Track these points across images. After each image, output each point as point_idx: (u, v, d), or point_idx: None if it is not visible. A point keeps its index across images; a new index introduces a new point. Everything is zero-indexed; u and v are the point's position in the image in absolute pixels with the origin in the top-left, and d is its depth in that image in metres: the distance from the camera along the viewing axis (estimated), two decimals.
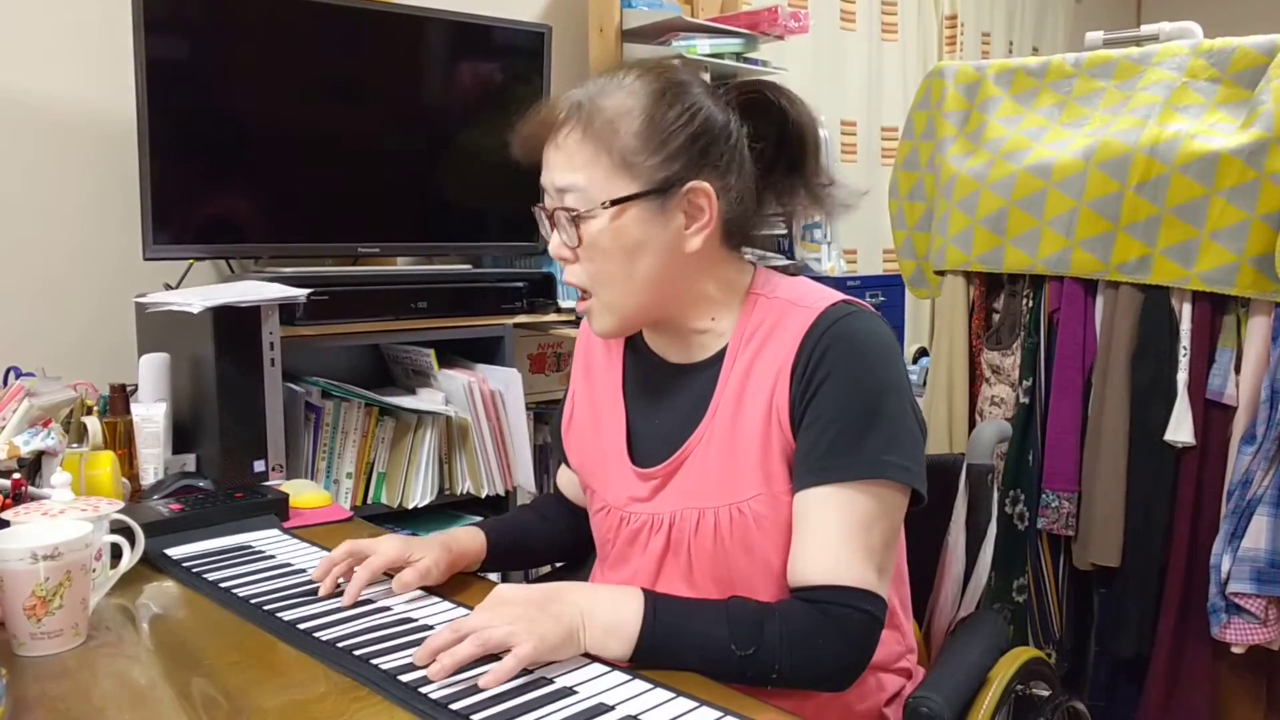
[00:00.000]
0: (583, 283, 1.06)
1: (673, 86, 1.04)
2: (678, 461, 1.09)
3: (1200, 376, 1.82)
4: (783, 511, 1.03)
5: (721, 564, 1.06)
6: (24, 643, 0.97)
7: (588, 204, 1.02)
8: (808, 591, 0.98)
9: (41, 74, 2.00)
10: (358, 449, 2.03)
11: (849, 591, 0.97)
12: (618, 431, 1.16)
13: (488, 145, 2.25)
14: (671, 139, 1.01)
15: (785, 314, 1.06)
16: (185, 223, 1.93)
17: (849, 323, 1.03)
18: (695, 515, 1.06)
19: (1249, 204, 1.71)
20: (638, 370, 1.18)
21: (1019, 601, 2.05)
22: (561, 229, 1.04)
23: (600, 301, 1.07)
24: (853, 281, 2.99)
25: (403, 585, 1.08)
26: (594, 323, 1.09)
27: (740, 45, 2.66)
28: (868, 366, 1.01)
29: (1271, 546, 1.67)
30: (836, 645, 0.96)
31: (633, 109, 1.01)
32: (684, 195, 1.03)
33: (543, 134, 1.04)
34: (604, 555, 1.19)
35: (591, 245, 1.03)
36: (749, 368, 1.06)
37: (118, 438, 1.48)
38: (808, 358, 1.01)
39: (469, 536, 1.21)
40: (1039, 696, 1.17)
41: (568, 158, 1.02)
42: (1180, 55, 1.92)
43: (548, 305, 2.26)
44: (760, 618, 0.96)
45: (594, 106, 1.02)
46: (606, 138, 1.01)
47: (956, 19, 3.83)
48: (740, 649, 0.94)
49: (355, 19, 2.08)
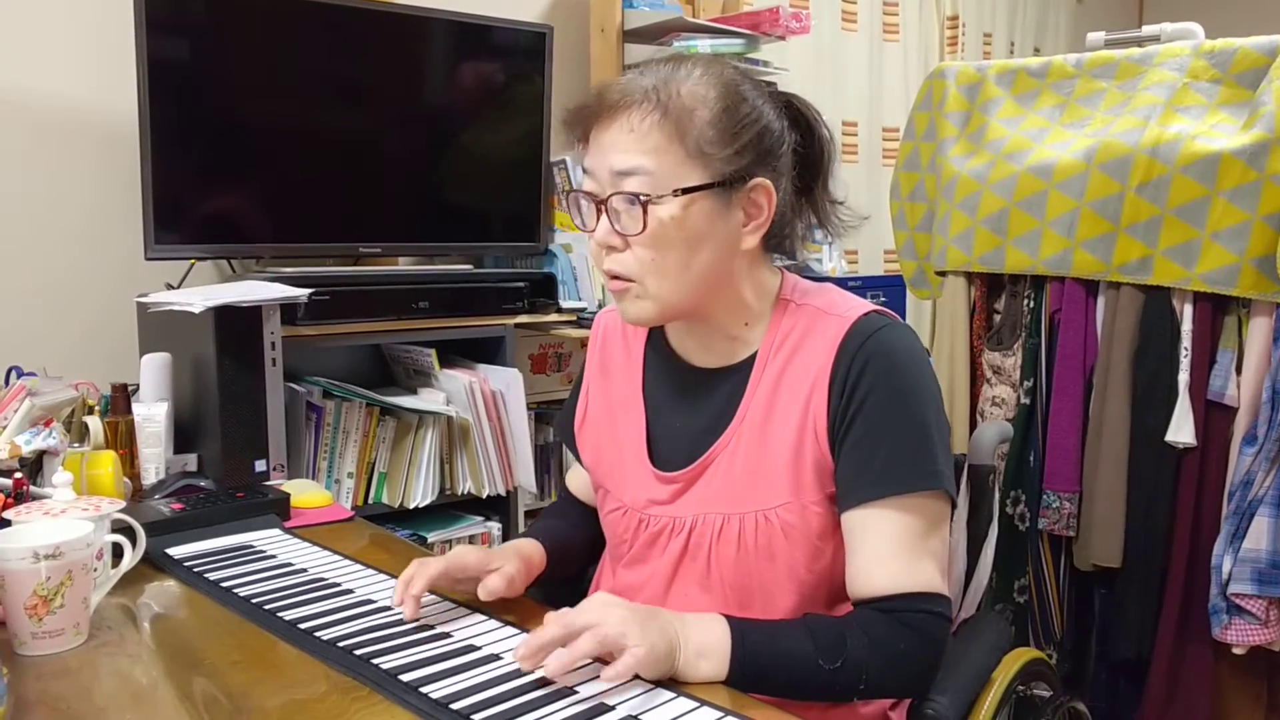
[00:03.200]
0: (630, 271, 1.02)
1: (742, 82, 1.04)
2: (702, 466, 1.08)
3: (1201, 377, 1.82)
4: (811, 521, 1.03)
5: (742, 570, 1.05)
6: (25, 642, 0.97)
7: (657, 189, 0.98)
8: (879, 602, 0.99)
9: (44, 74, 2.00)
10: (359, 449, 2.03)
11: (920, 597, 0.99)
12: (637, 433, 1.15)
13: (489, 145, 2.25)
14: (743, 133, 1.01)
15: (816, 321, 1.06)
16: (187, 222, 1.93)
17: (887, 337, 1.03)
18: (719, 520, 1.06)
19: (1250, 205, 1.71)
20: (659, 372, 1.17)
21: (1020, 602, 2.05)
22: (617, 215, 1.00)
23: (645, 289, 1.02)
24: (854, 282, 2.98)
25: (489, 592, 1.04)
26: (630, 309, 1.05)
27: (741, 46, 2.66)
28: (913, 380, 1.02)
29: (1272, 547, 1.67)
30: (917, 650, 0.98)
31: (708, 98, 1.00)
32: (747, 191, 1.02)
33: (605, 116, 1.00)
34: (618, 555, 1.18)
35: (655, 234, 0.99)
36: (780, 375, 1.06)
37: (119, 437, 1.48)
38: (846, 371, 1.02)
39: (532, 548, 1.17)
40: (1040, 697, 1.17)
41: (639, 140, 0.98)
42: (1182, 56, 1.92)
43: (549, 305, 2.27)
44: (842, 631, 0.97)
45: (670, 92, 0.99)
46: (683, 125, 0.98)
47: (958, 19, 3.83)
48: (828, 663, 0.94)
49: (357, 19, 2.08)
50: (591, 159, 1.03)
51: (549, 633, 0.88)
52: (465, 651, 0.95)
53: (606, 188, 1.01)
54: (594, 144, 1.02)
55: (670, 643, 0.90)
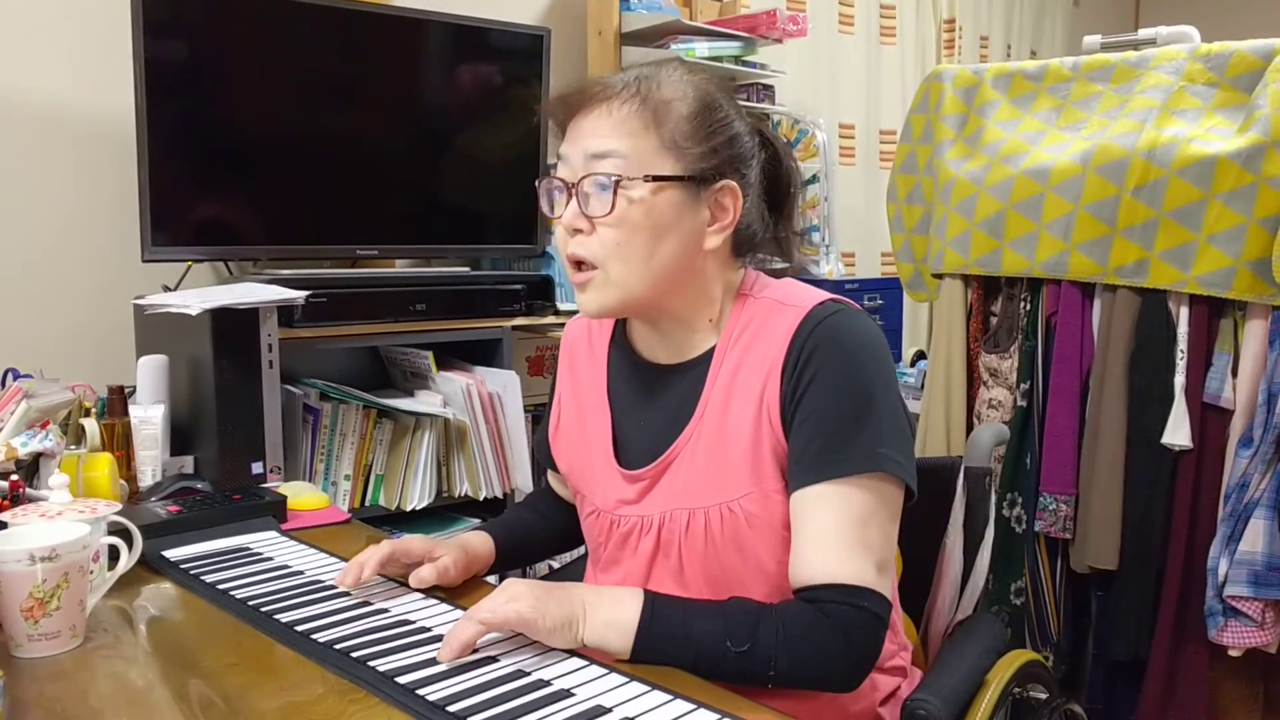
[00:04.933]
0: (594, 255, 1.03)
1: (720, 90, 1.07)
2: (665, 462, 1.09)
3: (1197, 380, 1.82)
4: (774, 510, 1.03)
5: (713, 564, 1.06)
6: (21, 644, 0.97)
7: (629, 172, 1.01)
8: (807, 591, 0.98)
9: (41, 76, 2.00)
10: (356, 451, 2.03)
11: (847, 589, 0.97)
12: (603, 434, 1.16)
13: (487, 148, 2.25)
14: (716, 134, 1.04)
15: (772, 313, 1.07)
16: (184, 225, 1.93)
17: (836, 320, 1.03)
18: (685, 516, 1.07)
19: (1246, 208, 1.72)
20: (623, 372, 1.18)
21: (1017, 604, 2.06)
22: (586, 198, 1.02)
23: (607, 276, 1.04)
24: (851, 284, 2.99)
25: (419, 580, 1.10)
26: (590, 297, 1.06)
27: (739, 48, 2.67)
28: (857, 363, 1.02)
29: (1268, 550, 1.67)
30: (836, 644, 0.96)
31: (688, 95, 1.04)
32: (715, 191, 1.05)
33: (585, 105, 1.04)
34: (595, 559, 1.20)
35: (622, 216, 1.01)
36: (737, 367, 1.06)
37: (115, 439, 1.48)
38: (797, 356, 1.02)
39: (479, 540, 1.22)
40: (1036, 699, 1.17)
41: (617, 124, 1.02)
42: (1178, 59, 1.92)
43: (546, 308, 2.27)
44: (757, 616, 0.96)
45: (651, 85, 1.03)
46: (660, 115, 1.02)
47: (954, 22, 3.84)
48: (735, 646, 0.94)
49: (354, 21, 2.08)
50: (567, 145, 1.06)
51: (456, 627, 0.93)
52: None
53: (579, 171, 1.03)
54: (571, 131, 1.05)
55: (569, 613, 0.94)
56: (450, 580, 1.13)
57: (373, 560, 1.11)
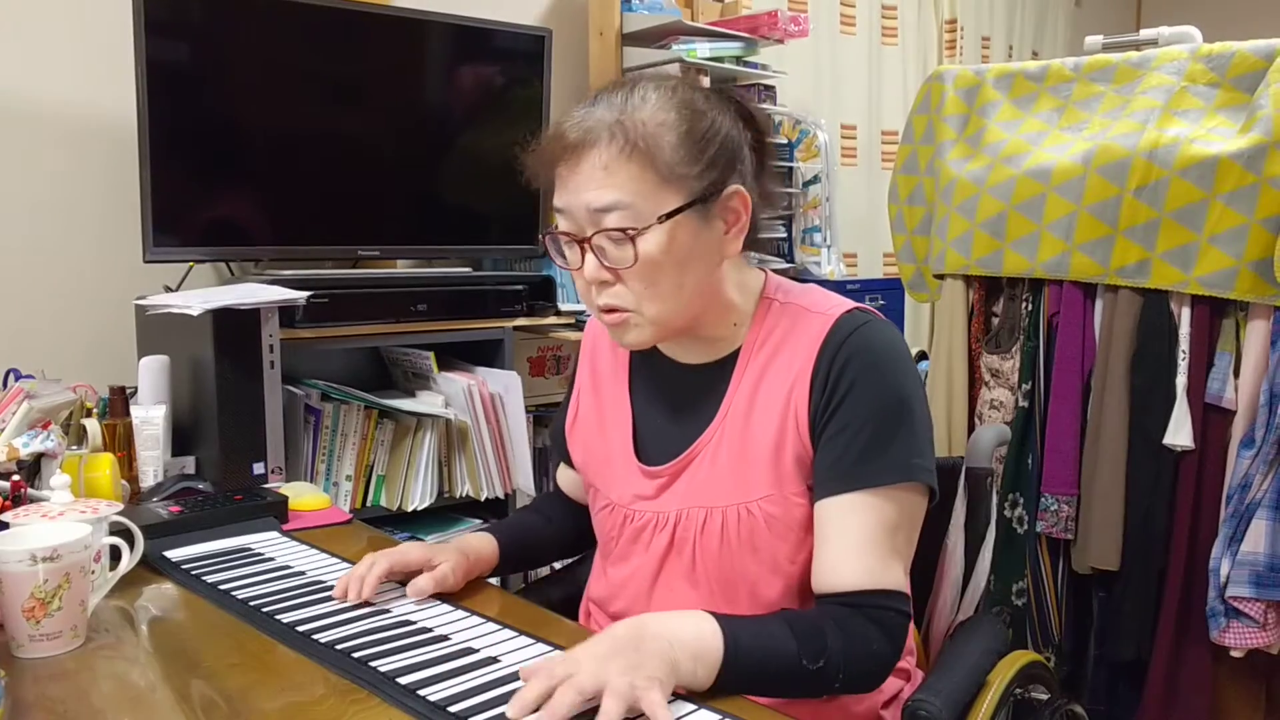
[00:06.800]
0: (626, 303, 1.02)
1: (695, 97, 1.04)
2: (686, 460, 1.09)
3: (1199, 380, 1.82)
4: (793, 513, 1.04)
5: (726, 563, 1.06)
6: (23, 644, 0.97)
7: (640, 221, 0.98)
8: (846, 597, 0.99)
9: (42, 77, 2.00)
10: (357, 451, 2.03)
11: (886, 594, 0.99)
12: (624, 430, 1.17)
13: (488, 149, 2.25)
14: (708, 147, 1.01)
15: (799, 319, 1.07)
16: (185, 225, 1.93)
17: (869, 331, 1.04)
18: (702, 514, 1.07)
19: (1248, 208, 1.71)
20: (645, 369, 1.18)
21: (1018, 605, 2.05)
22: (604, 251, 1.00)
23: (643, 316, 1.03)
24: (852, 285, 2.99)
25: (417, 590, 1.08)
26: (628, 336, 1.05)
27: (740, 49, 2.66)
28: (890, 374, 1.03)
29: (1270, 550, 1.67)
30: (884, 647, 0.98)
31: (668, 121, 1.00)
32: (724, 201, 1.03)
33: (569, 155, 1.00)
34: (606, 552, 1.20)
35: (646, 263, 0.99)
36: (763, 371, 1.07)
37: (117, 440, 1.48)
38: (828, 365, 1.03)
39: (482, 542, 1.21)
40: (1038, 700, 1.17)
41: (611, 176, 0.98)
42: (1179, 59, 1.92)
43: (547, 308, 2.27)
44: (820, 628, 0.96)
45: (631, 122, 0.98)
46: (651, 149, 0.98)
47: (956, 23, 3.84)
48: (810, 663, 0.93)
49: (356, 22, 2.08)
50: (564, 198, 1.01)
51: (533, 688, 0.82)
52: (464, 654, 0.95)
53: (586, 227, 1.00)
54: (562, 184, 1.02)
55: (668, 664, 0.86)
56: (450, 587, 1.12)
57: (371, 578, 1.08)
